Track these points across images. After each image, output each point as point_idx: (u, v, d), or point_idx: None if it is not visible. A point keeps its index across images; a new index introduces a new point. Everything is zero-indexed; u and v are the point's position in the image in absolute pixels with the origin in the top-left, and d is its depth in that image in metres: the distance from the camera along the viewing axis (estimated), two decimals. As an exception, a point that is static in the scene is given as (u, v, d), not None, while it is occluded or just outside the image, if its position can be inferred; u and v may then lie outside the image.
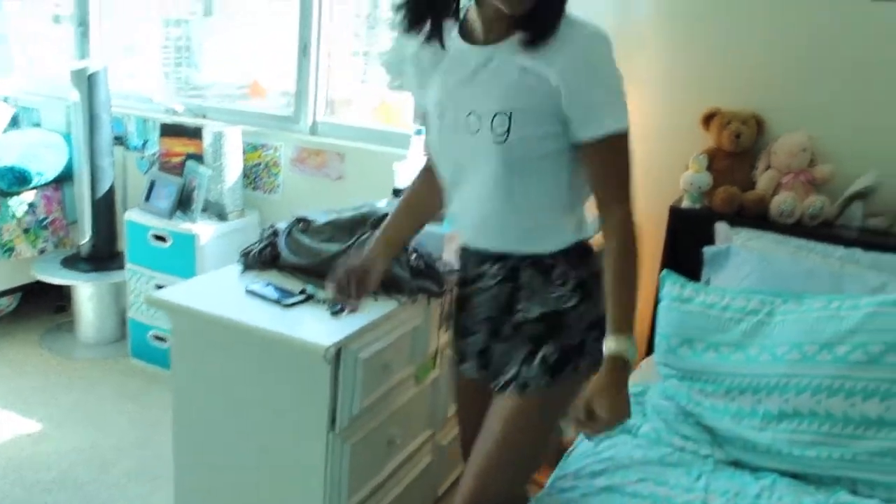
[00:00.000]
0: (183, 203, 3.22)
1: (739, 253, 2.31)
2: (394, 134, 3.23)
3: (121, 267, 3.47)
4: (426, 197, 1.82)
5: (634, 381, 2.27)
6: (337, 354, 1.87)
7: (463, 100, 1.53)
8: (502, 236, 1.64)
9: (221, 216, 3.24)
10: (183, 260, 3.14)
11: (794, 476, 1.86)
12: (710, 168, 2.54)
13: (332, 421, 1.94)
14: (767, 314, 2.04)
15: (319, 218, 2.33)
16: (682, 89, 2.66)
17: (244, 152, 3.35)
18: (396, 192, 2.79)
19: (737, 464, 1.93)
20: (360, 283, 1.76)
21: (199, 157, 3.28)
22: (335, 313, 2.01)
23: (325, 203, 3.20)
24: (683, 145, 2.63)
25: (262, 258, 2.26)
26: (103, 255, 3.55)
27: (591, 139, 1.45)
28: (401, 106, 3.46)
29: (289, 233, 2.29)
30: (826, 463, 1.83)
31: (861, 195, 2.44)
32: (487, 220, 1.63)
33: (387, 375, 2.11)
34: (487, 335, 1.70)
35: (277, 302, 2.04)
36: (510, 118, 1.49)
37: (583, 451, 1.99)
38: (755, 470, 1.90)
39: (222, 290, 2.12)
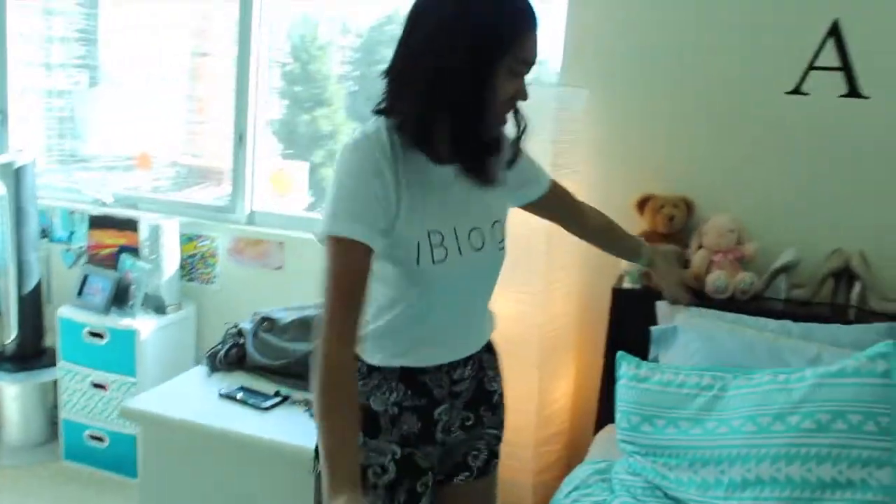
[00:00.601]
0: (118, 298, 3.16)
1: (686, 331, 2.46)
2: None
3: (49, 365, 3.36)
4: None
5: (596, 458, 2.40)
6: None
7: (464, 218, 1.58)
8: (480, 335, 1.75)
9: (160, 310, 3.19)
10: (122, 357, 3.08)
11: (762, 542, 1.98)
12: (647, 249, 2.71)
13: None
14: (721, 389, 2.19)
15: (283, 316, 2.36)
16: (616, 177, 2.84)
17: (179, 244, 3.33)
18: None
19: (703, 532, 2.04)
20: None
21: (132, 250, 3.23)
22: (313, 415, 2.03)
23: (265, 294, 3.23)
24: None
25: (229, 359, 2.26)
26: (29, 353, 3.42)
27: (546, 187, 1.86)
28: (294, 175, 3.57)
29: (254, 333, 2.30)
30: (790, 527, 1.97)
31: (784, 269, 2.66)
32: (472, 326, 1.71)
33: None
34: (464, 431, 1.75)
35: (254, 406, 2.05)
36: (503, 224, 1.62)
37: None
38: (724, 538, 2.01)
39: (194, 396, 2.12)
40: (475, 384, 1.75)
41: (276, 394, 2.12)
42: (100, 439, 3.19)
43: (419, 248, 1.50)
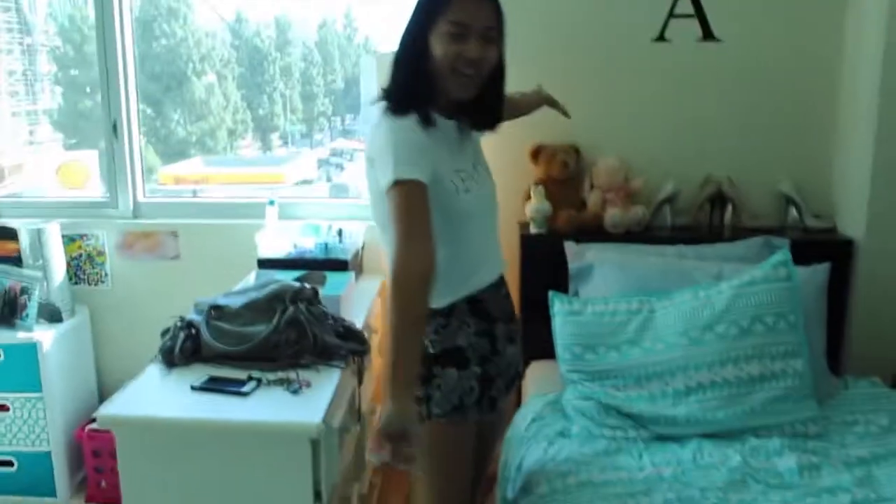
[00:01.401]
0: (6, 312, 2.95)
1: (601, 265, 2.70)
2: (227, 205, 3.24)
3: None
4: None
5: (543, 391, 2.58)
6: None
7: (468, 158, 1.92)
8: (501, 253, 2.06)
9: (55, 318, 3.02)
10: (24, 373, 2.88)
11: (711, 436, 2.27)
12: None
13: (317, 495, 2.00)
14: (650, 311, 2.46)
15: (230, 302, 2.34)
16: (508, 130, 3.00)
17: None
18: (262, 263, 2.84)
19: (661, 438, 2.30)
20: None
21: (11, 259, 3.02)
22: (294, 392, 2.07)
23: (163, 287, 3.16)
24: (515, 179, 2.96)
25: (185, 353, 2.23)
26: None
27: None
28: (85, 167, 3.46)
29: (207, 322, 2.27)
30: (732, 419, 2.27)
31: (668, 200, 2.97)
32: (496, 245, 2.02)
33: (347, 438, 2.21)
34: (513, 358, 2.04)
35: (234, 392, 2.05)
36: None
37: (536, 457, 2.24)
38: (678, 439, 2.28)
39: (165, 394, 2.07)
40: (508, 301, 2.06)
41: (249, 378, 2.13)
42: (9, 464, 2.98)
43: (455, 184, 1.82)
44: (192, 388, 2.08)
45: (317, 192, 4.34)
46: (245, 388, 2.07)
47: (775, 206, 3.00)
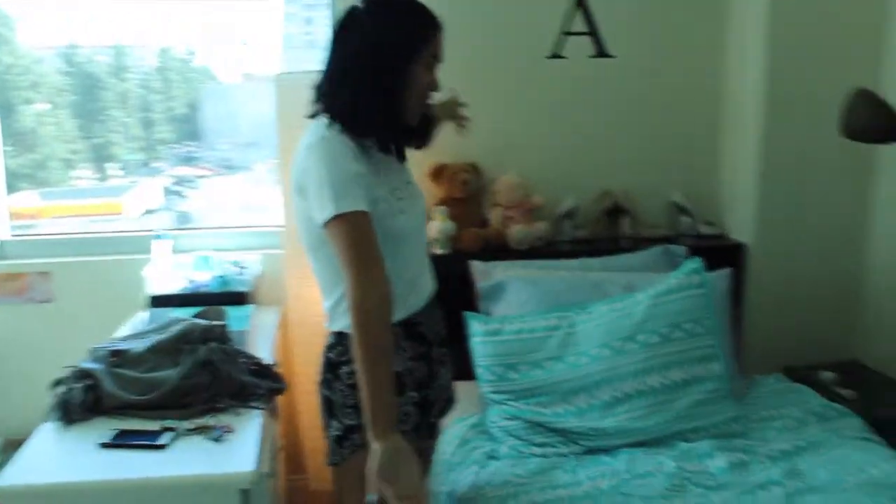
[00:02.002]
0: None
1: (512, 283, 2.67)
2: (105, 240, 3.00)
3: None
4: None
5: (464, 414, 2.52)
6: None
7: (402, 176, 1.89)
8: (431, 272, 2.03)
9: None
10: None
11: (641, 444, 2.28)
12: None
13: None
14: (569, 326, 2.45)
15: (133, 346, 2.15)
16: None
17: None
18: (156, 301, 2.63)
19: (592, 451, 2.29)
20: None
21: None
22: (217, 439, 1.91)
23: (37, 333, 2.88)
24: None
25: (87, 405, 2.01)
26: None
27: None
28: None
29: (107, 370, 2.06)
30: (661, 427, 2.29)
31: (568, 214, 2.99)
32: (428, 265, 2.00)
33: (272, 484, 2.06)
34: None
35: (149, 446, 1.86)
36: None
37: (469, 482, 2.17)
38: (609, 450, 2.28)
39: (69, 455, 1.85)
40: (442, 323, 2.03)
41: (164, 429, 1.94)
42: None
43: (391, 206, 1.78)
44: (101, 445, 1.88)
45: (164, 222, 4.12)
46: (161, 441, 1.89)
47: (668, 215, 3.08)
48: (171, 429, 1.94)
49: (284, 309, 2.82)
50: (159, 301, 2.62)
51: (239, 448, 1.88)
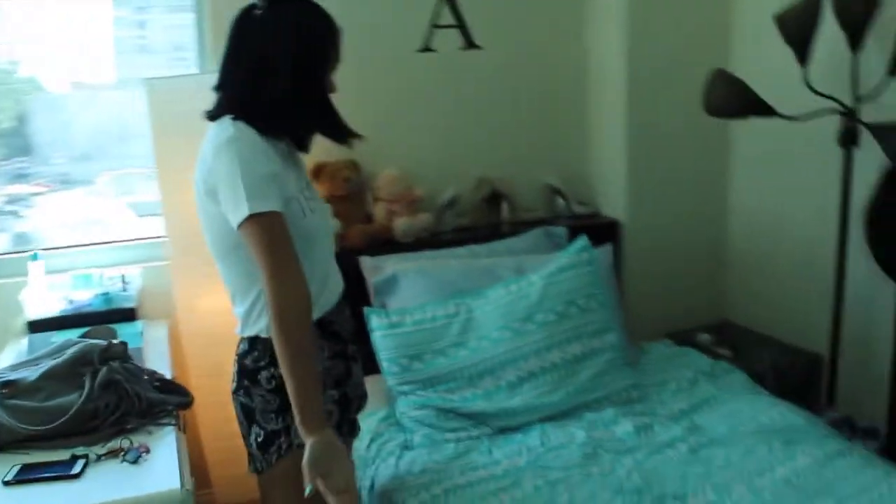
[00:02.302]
0: None
1: (404, 276, 2.70)
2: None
3: None
4: None
5: (372, 409, 2.53)
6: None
7: (305, 178, 1.90)
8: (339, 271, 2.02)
9: None
10: None
11: (549, 419, 2.37)
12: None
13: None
14: (468, 312, 2.50)
15: (23, 375, 2.01)
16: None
17: None
18: (34, 326, 2.47)
19: (503, 430, 2.36)
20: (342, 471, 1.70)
21: None
22: (135, 461, 1.84)
23: None
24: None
25: (-21, 443, 1.87)
26: None
27: None
28: None
29: (2, 404, 1.93)
30: (567, 399, 2.39)
31: (449, 204, 3.05)
32: (335, 262, 1.97)
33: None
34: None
35: (62, 477, 1.76)
36: None
37: (388, 474, 2.20)
38: (519, 428, 2.36)
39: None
40: (352, 321, 2.02)
41: (73, 457, 1.84)
42: None
43: (301, 206, 1.78)
44: (5, 483, 1.76)
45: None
46: (74, 469, 1.79)
47: (544, 198, 3.20)
48: (81, 456, 1.84)
49: (173, 322, 2.72)
50: (38, 326, 2.46)
51: (159, 467, 1.80)
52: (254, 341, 1.83)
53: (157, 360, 2.40)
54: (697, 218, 3.17)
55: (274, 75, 1.74)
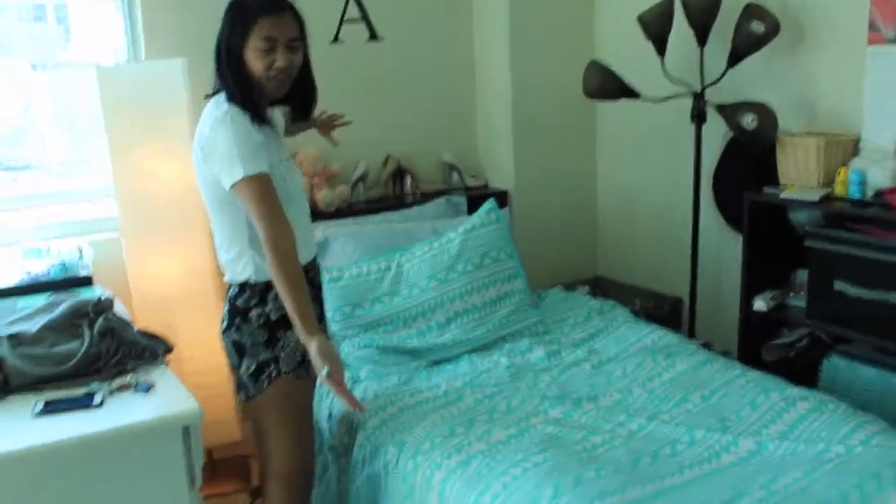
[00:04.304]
0: None
1: (335, 239, 3.06)
2: None
3: None
4: None
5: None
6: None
7: (284, 150, 2.21)
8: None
9: None
10: None
11: (474, 351, 2.81)
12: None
13: (192, 481, 2.09)
14: (398, 266, 2.91)
15: (24, 328, 2.21)
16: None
17: None
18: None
19: (437, 362, 2.78)
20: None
21: None
22: (146, 391, 2.11)
23: None
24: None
25: (-2, 387, 2.07)
26: None
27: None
28: None
29: (11, 351, 2.12)
30: (487, 334, 2.85)
31: (361, 178, 3.42)
32: (311, 229, 2.30)
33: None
34: None
35: (84, 406, 2.00)
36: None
37: (341, 409, 2.55)
38: (450, 360, 2.79)
39: (6, 431, 1.92)
40: (319, 276, 2.34)
41: (87, 394, 2.06)
42: None
43: (282, 172, 2.10)
44: (36, 414, 1.98)
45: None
46: (95, 401, 2.04)
47: (441, 172, 3.64)
48: (95, 391, 2.08)
49: (123, 289, 2.92)
50: (0, 293, 2.63)
51: (169, 394, 2.08)
52: (244, 286, 2.15)
53: (121, 319, 2.62)
54: (572, 188, 3.74)
55: (217, 61, 2.07)
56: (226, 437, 3.00)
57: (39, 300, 2.51)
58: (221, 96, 2.07)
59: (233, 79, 2.04)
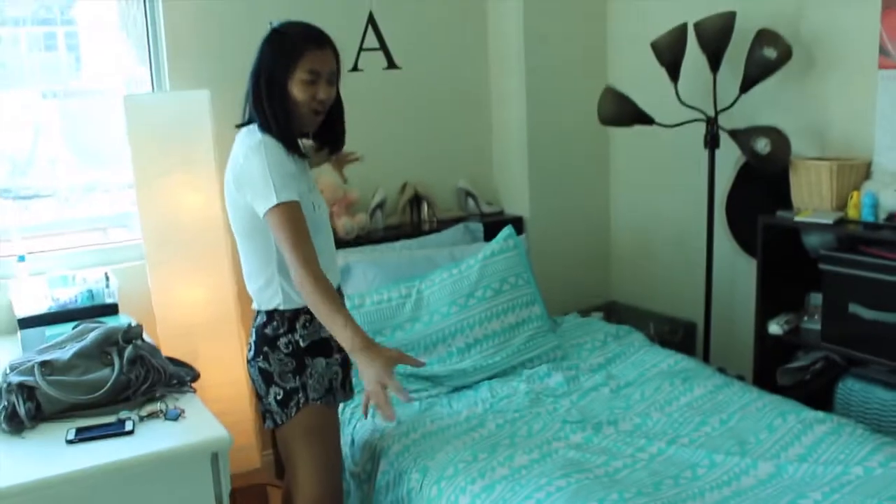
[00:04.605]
0: None
1: (357, 265, 3.10)
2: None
3: None
4: None
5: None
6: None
7: (312, 180, 2.25)
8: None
9: None
10: None
11: (494, 377, 2.85)
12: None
13: (219, 505, 2.13)
14: (418, 292, 2.95)
15: (56, 356, 2.26)
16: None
17: None
18: (24, 323, 2.68)
19: (457, 388, 2.81)
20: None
21: None
22: (175, 418, 2.15)
23: None
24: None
25: (30, 414, 2.12)
26: None
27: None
28: None
29: (43, 380, 2.17)
30: (506, 360, 2.88)
31: (379, 206, 3.48)
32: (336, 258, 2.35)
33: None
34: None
35: (116, 434, 2.05)
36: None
37: (367, 429, 2.59)
38: (470, 386, 2.82)
39: (34, 456, 1.97)
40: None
41: (119, 420, 2.10)
42: None
43: (312, 202, 2.15)
44: (68, 441, 2.02)
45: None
46: (126, 427, 2.08)
47: (457, 199, 3.70)
48: (126, 419, 2.13)
49: (147, 316, 2.97)
50: (29, 322, 2.67)
51: (198, 421, 2.13)
52: (272, 313, 2.19)
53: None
54: (587, 214, 3.79)
55: (255, 90, 2.11)
56: (245, 465, 3.03)
57: (66, 329, 2.56)
58: (254, 126, 2.12)
59: (272, 109, 2.08)
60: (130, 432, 2.06)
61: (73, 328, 2.52)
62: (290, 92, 2.08)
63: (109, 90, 3.25)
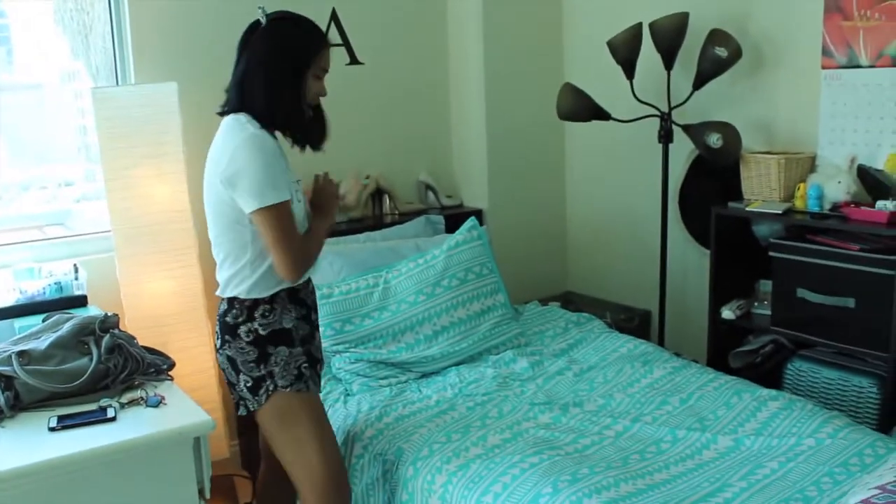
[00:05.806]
0: None
1: (324, 257, 3.13)
2: None
3: None
4: None
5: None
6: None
7: (292, 171, 2.26)
8: None
9: None
10: None
11: (461, 363, 2.93)
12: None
13: (200, 491, 2.17)
14: (385, 282, 3.01)
15: (33, 346, 2.26)
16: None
17: None
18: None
19: (426, 374, 2.89)
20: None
21: None
22: (156, 405, 2.18)
23: None
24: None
25: (9, 404, 2.12)
26: None
27: None
28: None
29: (21, 369, 2.17)
30: (472, 346, 2.96)
31: (342, 199, 3.52)
32: None
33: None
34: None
35: (99, 420, 2.07)
36: None
37: (340, 416, 2.64)
38: (438, 372, 2.90)
39: (20, 444, 1.98)
40: (315, 294, 2.42)
41: (100, 408, 2.12)
42: None
43: (293, 195, 2.17)
44: (50, 429, 2.04)
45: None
46: (108, 414, 2.10)
47: (418, 192, 3.77)
48: (107, 406, 2.15)
49: (117, 308, 2.97)
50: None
51: (179, 408, 2.16)
52: (232, 301, 2.20)
53: (118, 337, 2.68)
54: (544, 206, 3.90)
55: (268, 73, 2.10)
56: (214, 454, 3.04)
57: (36, 321, 2.56)
58: (242, 116, 2.12)
59: (287, 96, 2.12)
60: (113, 419, 2.09)
61: (44, 320, 2.52)
62: (307, 81, 2.15)
63: (44, 84, 3.20)
